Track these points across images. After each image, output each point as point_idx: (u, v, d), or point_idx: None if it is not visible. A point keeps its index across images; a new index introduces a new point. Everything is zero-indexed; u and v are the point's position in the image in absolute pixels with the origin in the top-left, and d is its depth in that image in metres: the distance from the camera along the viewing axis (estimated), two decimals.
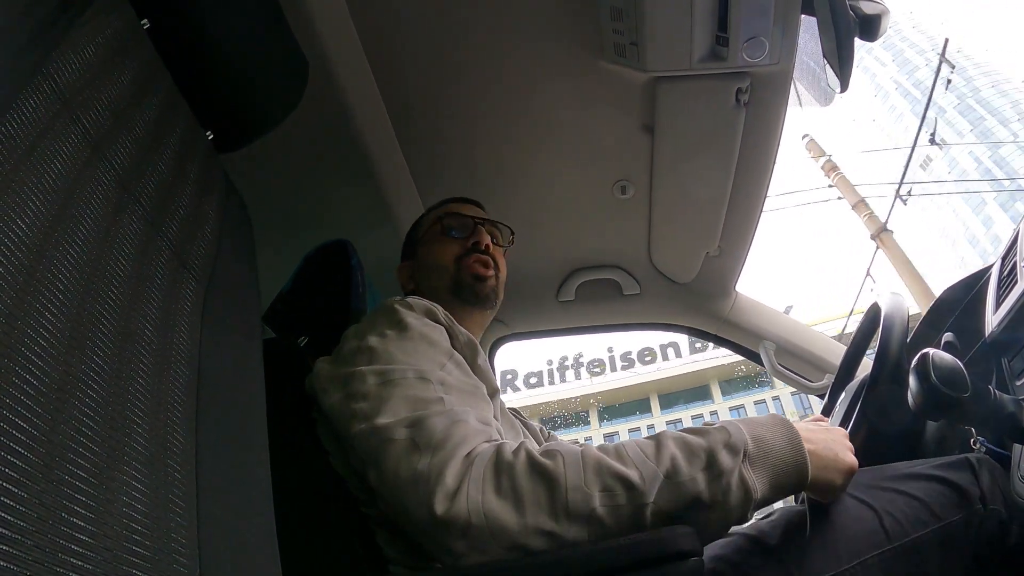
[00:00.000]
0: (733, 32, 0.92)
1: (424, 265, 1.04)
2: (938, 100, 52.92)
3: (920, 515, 0.66)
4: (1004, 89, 52.76)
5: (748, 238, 1.42)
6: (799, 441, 0.66)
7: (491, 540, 0.61)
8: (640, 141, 1.20)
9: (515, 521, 0.61)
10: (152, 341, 0.49)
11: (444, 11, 1.00)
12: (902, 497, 0.68)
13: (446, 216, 1.06)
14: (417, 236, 1.10)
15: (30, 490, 0.33)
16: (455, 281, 0.99)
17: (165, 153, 0.59)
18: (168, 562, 0.42)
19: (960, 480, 0.68)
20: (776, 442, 0.66)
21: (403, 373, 0.75)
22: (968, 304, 0.97)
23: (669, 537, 0.61)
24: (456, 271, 1.00)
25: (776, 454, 0.65)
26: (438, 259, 1.02)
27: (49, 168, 0.42)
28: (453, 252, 1.01)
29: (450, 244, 1.02)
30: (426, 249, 1.05)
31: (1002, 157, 46.14)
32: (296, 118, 0.81)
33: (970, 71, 54.62)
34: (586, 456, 0.64)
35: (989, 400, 0.66)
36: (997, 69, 55.56)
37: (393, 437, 0.69)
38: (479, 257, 1.01)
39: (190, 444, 0.49)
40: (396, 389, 0.73)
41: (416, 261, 1.07)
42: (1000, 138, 47.17)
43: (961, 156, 48.62)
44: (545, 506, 0.62)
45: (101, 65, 0.51)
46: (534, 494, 0.62)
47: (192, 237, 0.61)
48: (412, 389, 0.73)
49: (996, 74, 54.67)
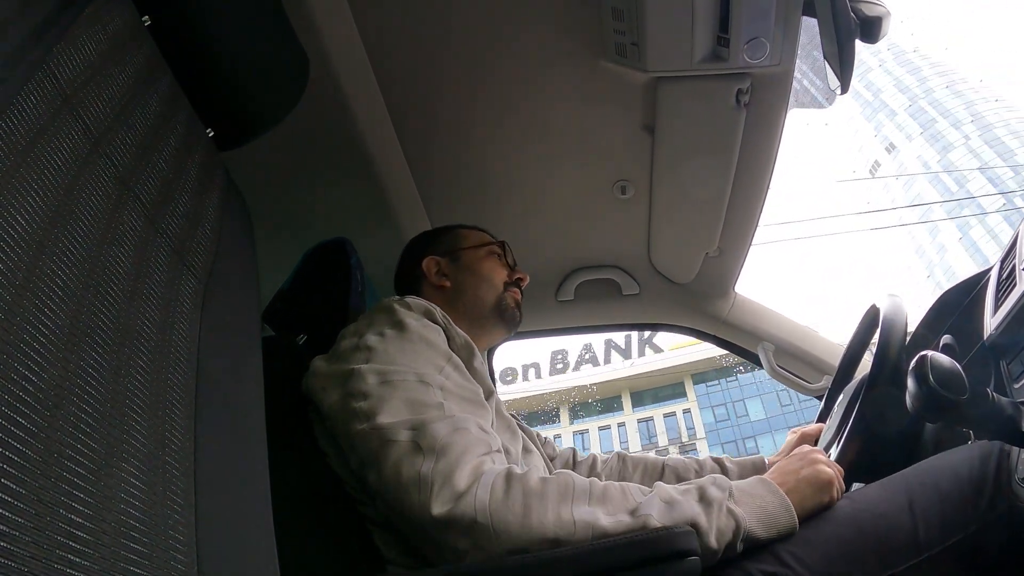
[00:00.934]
0: (734, 33, 0.92)
1: (474, 272, 1.09)
2: (889, 102, 52.24)
3: (956, 518, 0.66)
4: (959, 89, 51.80)
5: (748, 239, 1.42)
6: (776, 488, 0.71)
7: (495, 540, 0.63)
8: (640, 141, 1.20)
9: (520, 523, 0.63)
10: (151, 338, 0.49)
11: (445, 10, 1.00)
12: (939, 496, 0.67)
13: (501, 244, 1.15)
14: (459, 244, 1.12)
15: (28, 486, 0.33)
16: (500, 299, 1.07)
17: (165, 150, 0.59)
18: (166, 559, 0.42)
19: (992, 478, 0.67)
20: (757, 489, 0.71)
21: (403, 375, 0.76)
22: (967, 306, 0.97)
23: (668, 536, 0.61)
24: (504, 292, 1.08)
25: (759, 496, 0.70)
26: (492, 275, 1.09)
27: (49, 164, 0.42)
28: (504, 276, 1.10)
29: (502, 267, 1.11)
30: (477, 260, 1.10)
31: (951, 161, 45.29)
32: (297, 116, 0.81)
33: (925, 71, 53.64)
34: (594, 483, 0.69)
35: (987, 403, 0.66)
36: (953, 68, 54.52)
37: (395, 439, 0.70)
38: (518, 292, 1.11)
39: (188, 441, 0.49)
40: (396, 390, 0.74)
41: (456, 265, 1.09)
42: (951, 141, 46.27)
43: (909, 160, 47.82)
44: (552, 513, 0.64)
45: (102, 62, 0.51)
46: (542, 501, 0.65)
47: (192, 234, 0.61)
48: (413, 392, 0.74)
49: (952, 73, 53.62)
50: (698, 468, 1.15)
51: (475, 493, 0.65)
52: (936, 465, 0.72)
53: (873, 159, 51.38)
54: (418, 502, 0.66)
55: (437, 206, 1.37)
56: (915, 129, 49.17)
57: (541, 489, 0.66)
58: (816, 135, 67.39)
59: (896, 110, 51.25)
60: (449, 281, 1.07)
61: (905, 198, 45.66)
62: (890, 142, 49.61)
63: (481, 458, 0.70)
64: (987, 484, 0.66)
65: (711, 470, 1.15)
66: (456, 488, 0.65)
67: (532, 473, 0.69)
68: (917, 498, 0.67)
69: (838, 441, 0.96)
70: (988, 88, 50.57)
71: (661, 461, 1.17)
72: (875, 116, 52.53)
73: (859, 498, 0.71)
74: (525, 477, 0.67)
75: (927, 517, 0.66)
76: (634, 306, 1.65)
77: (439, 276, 1.08)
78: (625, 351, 28.72)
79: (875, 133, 51.77)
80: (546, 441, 1.19)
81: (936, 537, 0.64)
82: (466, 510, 0.64)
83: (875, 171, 48.87)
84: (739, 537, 0.66)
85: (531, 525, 0.64)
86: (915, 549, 0.64)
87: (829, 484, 0.73)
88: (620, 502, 0.67)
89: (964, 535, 0.64)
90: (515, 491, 0.66)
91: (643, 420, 27.59)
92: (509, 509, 0.64)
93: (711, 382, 28.78)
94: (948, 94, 50.59)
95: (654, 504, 0.66)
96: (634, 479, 1.16)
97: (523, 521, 0.64)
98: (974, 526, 0.65)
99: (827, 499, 0.72)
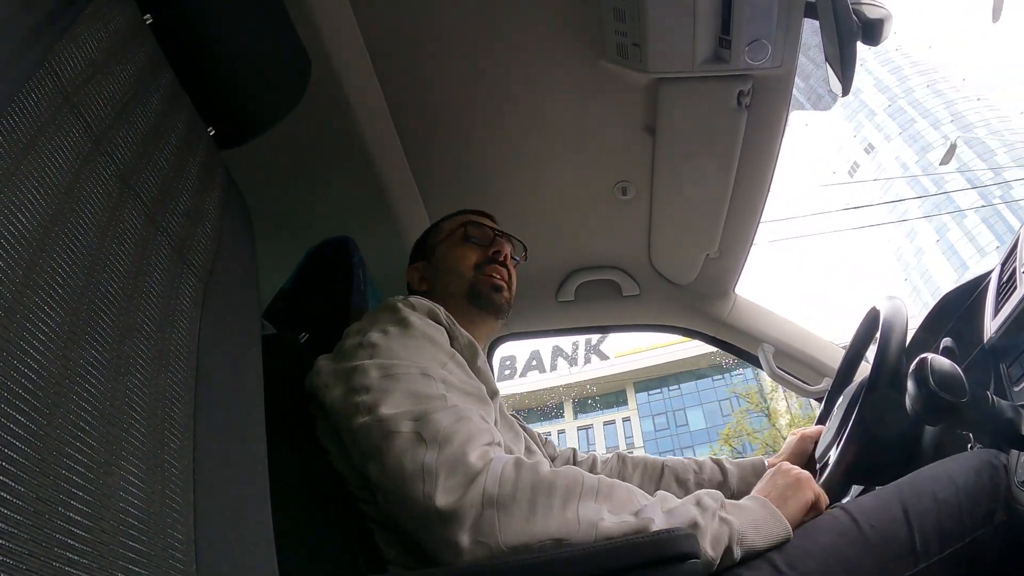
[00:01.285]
0: (736, 34, 0.92)
1: (441, 268, 1.06)
2: (868, 102, 51.78)
3: (954, 528, 0.66)
4: (940, 88, 50.69)
5: (748, 240, 1.42)
6: (764, 500, 0.72)
7: (498, 534, 0.62)
8: (641, 142, 1.20)
9: (525, 518, 0.63)
10: (151, 336, 0.49)
11: (447, 9, 1.00)
12: (936, 506, 0.68)
13: (468, 224, 1.09)
14: (434, 240, 1.11)
15: (27, 483, 0.33)
16: (472, 287, 1.02)
17: (166, 148, 0.59)
18: (164, 557, 0.42)
19: (992, 485, 0.68)
20: (745, 503, 0.72)
21: (406, 368, 0.75)
22: (967, 309, 0.97)
23: (668, 539, 0.61)
24: (474, 278, 1.03)
25: (748, 508, 0.71)
26: (458, 264, 1.04)
27: (50, 162, 0.42)
28: (473, 259, 1.04)
29: (470, 251, 1.06)
30: (444, 253, 1.07)
31: (930, 162, 44.75)
32: (298, 115, 0.81)
33: (906, 70, 52.58)
34: (602, 480, 0.68)
35: (987, 406, 0.66)
36: (935, 67, 53.39)
37: (397, 429, 0.69)
38: (497, 268, 1.04)
39: (187, 440, 0.49)
40: (399, 383, 0.74)
41: (431, 264, 1.08)
42: (930, 141, 45.66)
43: (888, 162, 47.34)
44: (557, 511, 0.64)
45: (103, 60, 0.51)
46: (550, 496, 0.64)
47: (192, 233, 0.61)
48: (415, 384, 0.74)
49: (933, 72, 52.43)
50: (697, 469, 1.15)
51: (483, 483, 0.64)
52: (933, 474, 0.72)
53: (852, 160, 51.08)
54: (422, 493, 0.64)
55: (438, 205, 1.37)
56: (894, 130, 48.91)
57: (551, 481, 0.65)
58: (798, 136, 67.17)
59: (876, 110, 50.94)
60: (428, 283, 1.07)
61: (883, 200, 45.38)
62: (869, 143, 49.37)
63: (485, 447, 0.69)
64: (984, 495, 0.67)
65: (711, 470, 1.15)
66: (464, 475, 0.65)
67: (543, 463, 0.68)
68: (913, 507, 0.67)
69: (837, 443, 0.96)
70: (971, 87, 50.16)
71: (661, 462, 1.17)
72: (855, 116, 52.21)
73: (855, 508, 0.71)
74: (536, 466, 0.66)
75: (924, 527, 0.65)
76: (634, 307, 1.65)
77: (420, 282, 1.08)
78: (572, 358, 28.47)
79: (855, 134, 51.53)
80: (547, 441, 1.19)
81: (933, 547, 0.64)
82: (473, 501, 0.63)
83: (854, 172, 48.50)
84: (734, 540, 0.66)
85: (536, 521, 0.63)
86: (912, 559, 0.64)
87: (808, 480, 0.76)
88: (626, 502, 0.67)
89: (961, 545, 0.64)
90: (524, 481, 0.65)
91: (583, 428, 27.34)
92: (516, 502, 0.63)
93: (653, 390, 28.53)
94: (929, 93, 50.24)
95: (656, 509, 0.66)
96: (634, 479, 1.16)
97: (528, 516, 0.63)
98: (971, 537, 0.65)
99: (810, 494, 0.74)
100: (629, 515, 0.65)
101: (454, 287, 1.03)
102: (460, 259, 1.05)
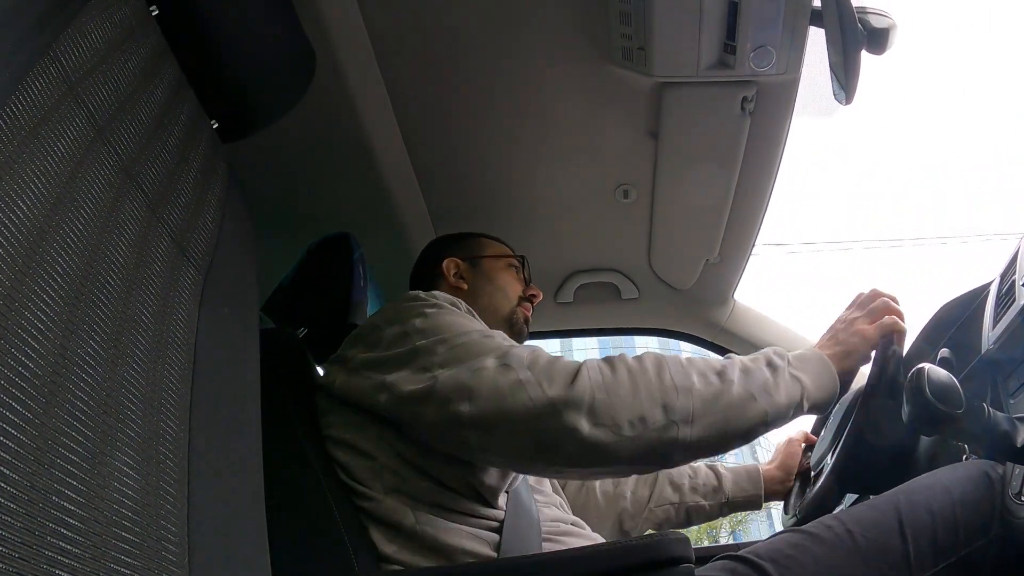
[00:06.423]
0: (741, 40, 0.92)
1: (491, 280, 1.10)
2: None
3: (948, 540, 0.66)
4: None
5: (748, 246, 1.42)
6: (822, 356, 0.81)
7: (614, 413, 0.68)
8: (644, 146, 1.20)
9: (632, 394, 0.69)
10: (149, 327, 0.49)
11: (453, 8, 1.00)
12: (931, 517, 0.67)
13: (520, 258, 1.17)
14: (479, 251, 1.14)
15: (21, 472, 0.33)
16: (513, 312, 1.09)
17: (169, 140, 0.59)
18: (157, 548, 0.42)
19: (988, 499, 0.68)
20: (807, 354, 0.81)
21: (468, 335, 0.78)
22: (966, 320, 0.97)
23: (662, 543, 0.61)
24: (516, 307, 1.10)
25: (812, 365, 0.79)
26: (507, 288, 1.11)
27: (52, 151, 0.42)
28: (518, 290, 1.12)
29: (518, 283, 1.14)
30: (495, 270, 1.12)
31: None
32: (301, 112, 0.81)
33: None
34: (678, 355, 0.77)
35: (983, 417, 0.66)
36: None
37: (484, 366, 0.73)
38: (530, 308, 1.13)
39: (183, 432, 0.49)
40: (469, 347, 0.76)
41: (477, 270, 1.11)
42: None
43: None
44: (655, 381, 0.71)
45: (108, 50, 0.51)
46: (643, 374, 0.72)
47: (193, 225, 0.61)
48: (484, 341, 0.77)
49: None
50: (692, 474, 1.16)
51: (585, 375, 0.70)
52: (928, 483, 0.72)
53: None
54: (530, 396, 0.69)
55: (439, 204, 1.37)
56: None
57: (640, 361, 0.73)
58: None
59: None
60: (466, 284, 1.09)
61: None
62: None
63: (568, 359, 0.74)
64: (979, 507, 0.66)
65: (705, 476, 1.15)
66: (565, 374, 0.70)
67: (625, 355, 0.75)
68: (908, 519, 0.67)
69: (833, 452, 0.96)
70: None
71: None
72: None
73: (850, 517, 0.70)
74: (623, 357, 0.74)
75: (918, 539, 0.65)
76: (633, 310, 1.65)
77: (457, 278, 1.09)
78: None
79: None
80: None
81: (928, 559, 0.64)
82: (582, 391, 0.68)
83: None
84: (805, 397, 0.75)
85: (640, 395, 0.69)
86: (906, 571, 0.64)
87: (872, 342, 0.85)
88: (706, 367, 0.74)
89: (956, 559, 0.64)
90: (620, 369, 0.72)
91: None
92: (619, 383, 0.70)
93: None
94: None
95: (735, 370, 0.74)
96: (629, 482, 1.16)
97: (633, 392, 0.69)
98: (965, 550, 0.65)
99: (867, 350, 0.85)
100: (713, 375, 0.73)
101: (499, 304, 1.08)
102: (510, 284, 1.12)
